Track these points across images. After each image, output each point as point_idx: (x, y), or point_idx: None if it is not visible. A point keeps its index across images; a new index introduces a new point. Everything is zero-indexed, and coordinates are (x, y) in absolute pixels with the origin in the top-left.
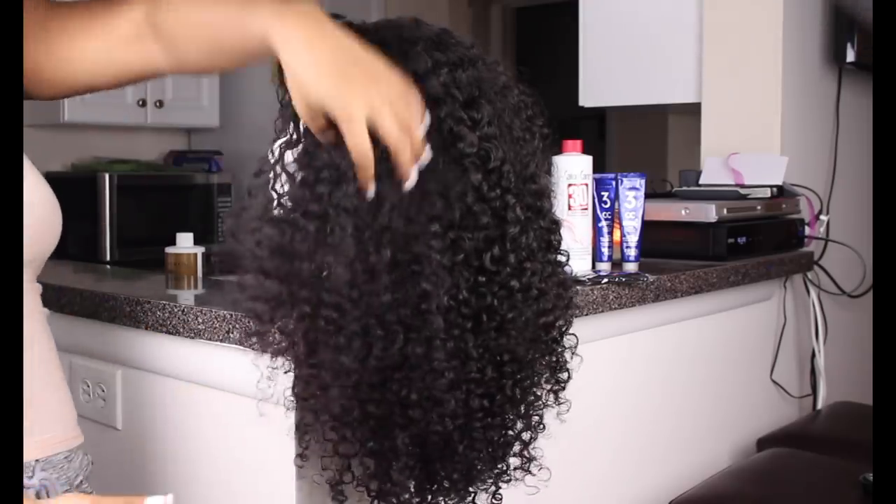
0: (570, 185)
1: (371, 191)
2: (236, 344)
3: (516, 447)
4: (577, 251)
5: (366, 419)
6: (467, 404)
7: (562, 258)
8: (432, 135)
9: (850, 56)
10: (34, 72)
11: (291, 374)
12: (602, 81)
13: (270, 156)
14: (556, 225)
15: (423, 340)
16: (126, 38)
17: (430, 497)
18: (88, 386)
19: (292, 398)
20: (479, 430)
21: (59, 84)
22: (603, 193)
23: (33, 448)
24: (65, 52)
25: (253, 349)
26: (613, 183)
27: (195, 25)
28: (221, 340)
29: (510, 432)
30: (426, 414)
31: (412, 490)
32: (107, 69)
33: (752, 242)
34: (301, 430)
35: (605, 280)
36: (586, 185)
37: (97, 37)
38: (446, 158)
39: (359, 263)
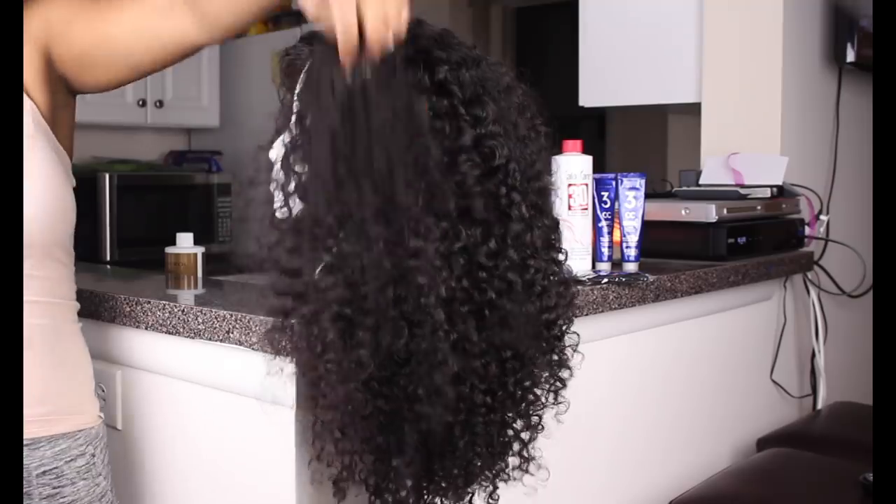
0: (570, 185)
1: (350, 67)
2: (236, 344)
3: (515, 446)
4: (577, 251)
5: (375, 415)
6: (470, 399)
7: (561, 256)
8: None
9: (850, 56)
10: (82, 55)
11: (297, 375)
12: (602, 81)
13: (271, 154)
14: (556, 223)
15: (426, 335)
16: (160, 10)
17: (427, 496)
18: None
19: (306, 399)
20: (479, 426)
21: (102, 64)
22: (603, 193)
23: None
24: (103, 27)
25: (265, 351)
26: (613, 183)
27: None
28: (221, 340)
29: (510, 431)
30: (432, 408)
31: (409, 489)
32: (141, 40)
33: (752, 242)
34: (316, 430)
35: (605, 280)
36: (586, 185)
37: (131, 8)
38: (442, 152)
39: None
